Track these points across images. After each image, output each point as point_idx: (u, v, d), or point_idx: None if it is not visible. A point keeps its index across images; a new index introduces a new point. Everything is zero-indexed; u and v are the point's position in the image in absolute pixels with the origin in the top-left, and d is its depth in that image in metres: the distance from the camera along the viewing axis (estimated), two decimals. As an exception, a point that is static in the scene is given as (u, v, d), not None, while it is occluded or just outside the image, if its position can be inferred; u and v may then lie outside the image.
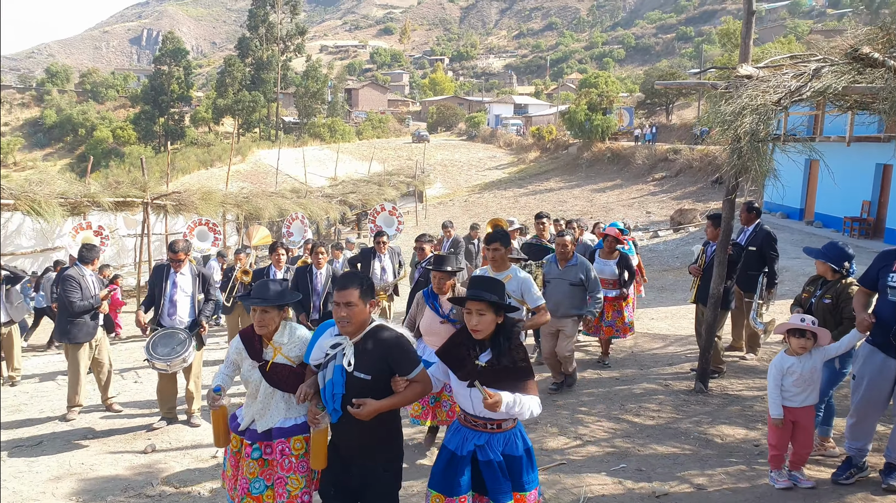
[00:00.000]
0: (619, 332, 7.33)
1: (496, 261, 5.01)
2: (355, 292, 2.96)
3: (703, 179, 30.39)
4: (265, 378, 3.39)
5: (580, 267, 6.25)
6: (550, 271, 6.34)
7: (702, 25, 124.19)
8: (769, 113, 5.17)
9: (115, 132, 64.98)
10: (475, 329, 2.97)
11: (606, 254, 7.36)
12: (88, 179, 16.76)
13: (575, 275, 6.22)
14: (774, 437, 4.21)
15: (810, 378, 4.16)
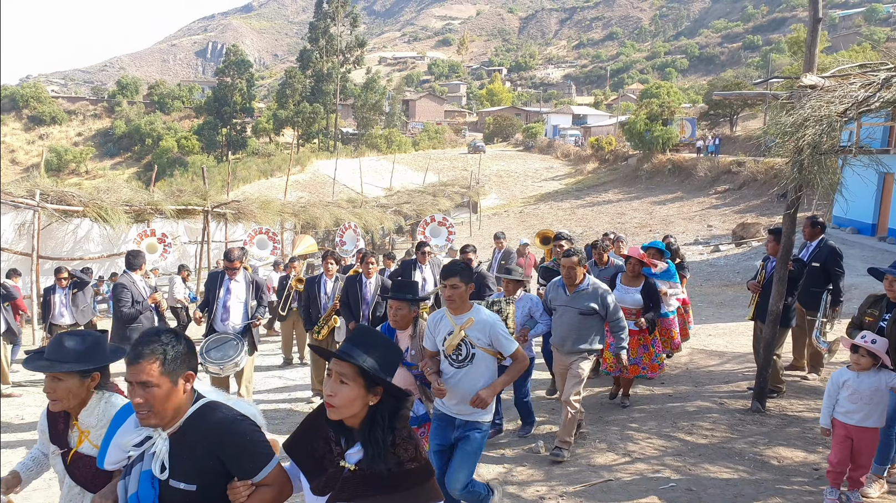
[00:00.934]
0: (645, 371, 6.28)
1: (453, 302, 3.63)
2: (153, 366, 2.03)
3: (767, 193, 29.31)
4: (67, 472, 2.53)
5: (592, 293, 5.21)
6: (557, 297, 5.38)
7: (770, 34, 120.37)
8: (833, 124, 4.98)
9: (179, 142, 67.55)
10: (327, 404, 2.03)
11: (630, 279, 6.29)
12: (153, 188, 17.54)
13: (585, 303, 5.19)
14: (832, 453, 4.15)
15: (869, 397, 4.00)
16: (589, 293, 5.22)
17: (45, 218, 12.54)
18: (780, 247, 5.99)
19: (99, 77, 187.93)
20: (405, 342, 3.95)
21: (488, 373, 3.69)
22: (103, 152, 73.98)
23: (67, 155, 67.28)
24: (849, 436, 4.06)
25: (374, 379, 2.02)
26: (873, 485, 4.27)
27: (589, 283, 5.25)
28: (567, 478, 4.75)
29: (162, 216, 15.01)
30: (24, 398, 8.21)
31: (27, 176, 15.56)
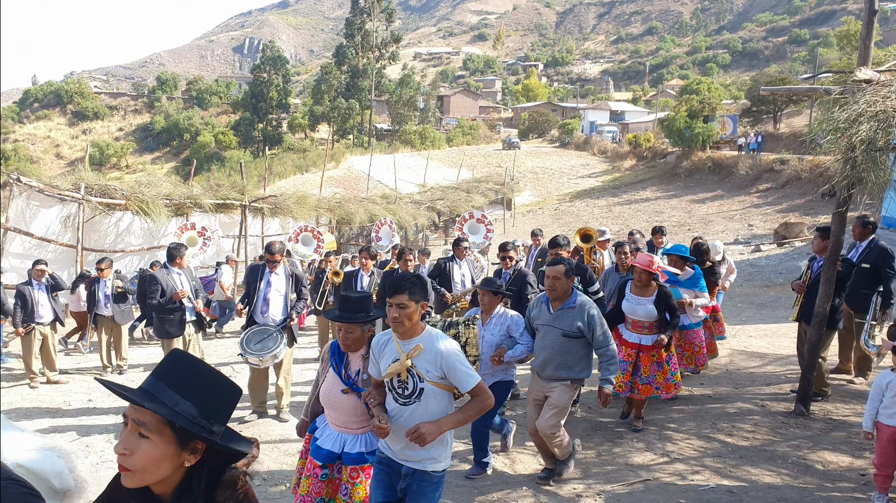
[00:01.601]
0: (659, 391, 5.57)
1: (400, 324, 2.99)
2: None
3: (811, 191, 28.50)
4: None
5: (580, 311, 4.50)
6: (540, 315, 4.69)
7: (818, 27, 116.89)
8: (890, 120, 4.80)
9: (217, 137, 68.69)
10: (121, 466, 1.49)
11: (640, 287, 5.56)
12: (192, 182, 17.89)
13: (571, 323, 4.50)
14: (876, 457, 4.10)
15: None
16: (575, 311, 4.51)
17: (90, 211, 12.90)
18: (827, 244, 5.82)
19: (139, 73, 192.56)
20: (357, 364, 3.35)
21: (440, 412, 2.99)
22: (143, 147, 75.71)
23: (109, 149, 69.05)
24: (893, 438, 3.99)
25: (189, 432, 1.47)
26: None
27: (576, 300, 4.55)
28: (605, 477, 4.70)
29: (201, 210, 15.30)
30: (70, 385, 8.47)
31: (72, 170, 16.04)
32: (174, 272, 7.02)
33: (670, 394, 5.79)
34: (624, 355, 5.51)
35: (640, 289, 5.54)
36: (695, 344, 6.52)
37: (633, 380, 5.57)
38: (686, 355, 6.48)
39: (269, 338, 6.21)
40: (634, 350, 5.56)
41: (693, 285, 6.33)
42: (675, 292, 5.99)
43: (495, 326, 4.88)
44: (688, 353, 6.50)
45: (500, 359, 4.69)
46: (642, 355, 5.53)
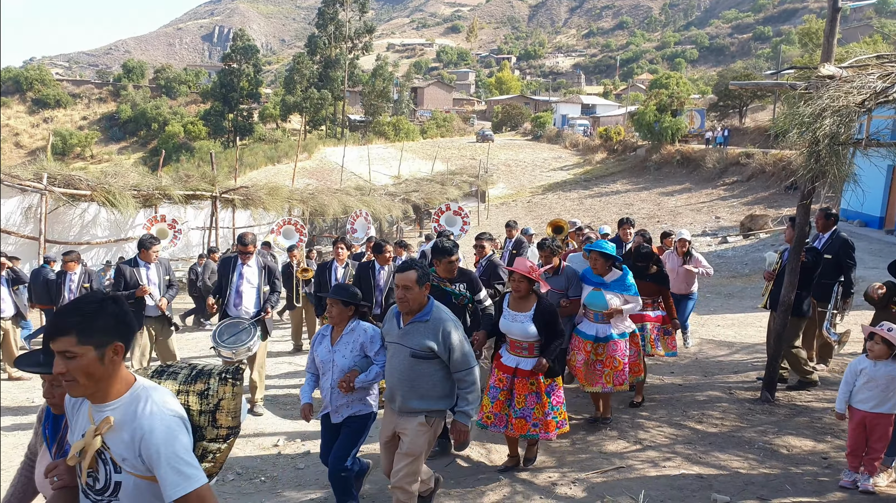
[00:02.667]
0: (537, 429, 4.51)
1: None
2: None
3: (775, 185, 29.19)
4: None
5: (433, 326, 3.67)
6: (390, 330, 3.85)
7: (781, 25, 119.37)
8: (852, 115, 4.96)
9: (186, 127, 67.42)
10: None
11: (516, 300, 4.54)
12: (160, 173, 17.58)
13: (420, 341, 3.66)
14: (848, 439, 4.30)
15: (885, 385, 4.10)
16: (428, 327, 3.67)
17: (52, 202, 12.58)
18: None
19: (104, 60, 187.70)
20: None
21: None
22: (109, 136, 73.90)
23: (72, 139, 67.27)
24: (863, 421, 4.16)
25: None
26: (882, 474, 4.30)
27: (431, 313, 3.71)
28: (579, 465, 4.79)
29: (170, 201, 15.05)
30: (33, 381, 8.29)
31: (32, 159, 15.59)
32: (142, 265, 6.84)
33: (549, 436, 4.55)
34: (496, 380, 4.59)
35: (518, 302, 4.52)
36: (615, 358, 5.30)
37: (507, 413, 4.54)
38: (606, 372, 5.29)
39: (243, 332, 6.15)
40: (509, 376, 4.53)
41: (621, 288, 5.31)
42: (599, 297, 5.27)
43: (346, 345, 3.99)
44: (607, 370, 5.28)
45: (350, 384, 3.82)
46: (517, 382, 4.49)
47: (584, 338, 5.38)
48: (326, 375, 4.04)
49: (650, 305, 6.22)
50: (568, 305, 5.42)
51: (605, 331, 5.32)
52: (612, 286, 5.31)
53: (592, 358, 5.32)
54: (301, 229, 14.64)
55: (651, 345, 6.18)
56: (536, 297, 4.51)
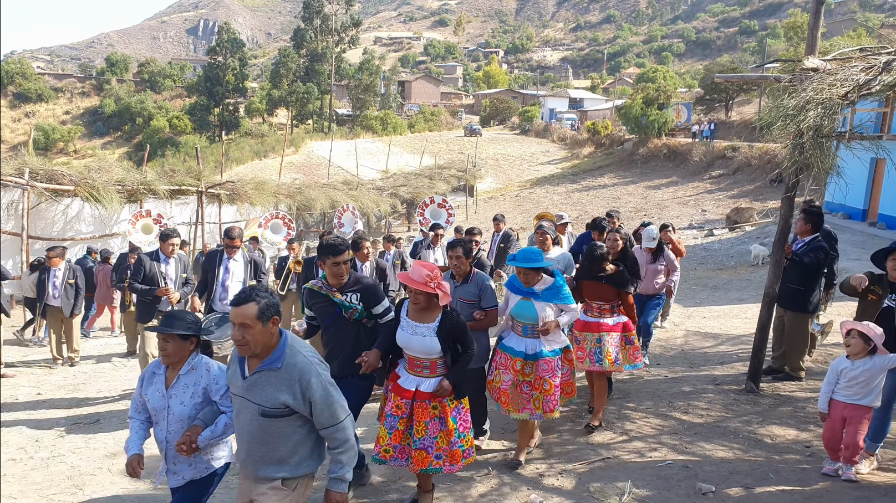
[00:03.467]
0: (441, 462, 3.83)
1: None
2: None
3: (761, 178, 29.44)
4: None
5: (287, 375, 2.78)
6: (233, 378, 2.96)
7: (766, 19, 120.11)
8: (835, 107, 5.00)
9: (171, 122, 66.79)
10: None
11: (416, 311, 3.87)
12: (145, 168, 17.42)
13: (272, 395, 2.79)
14: (824, 429, 4.36)
15: (865, 382, 4.15)
16: (280, 376, 2.75)
17: (35, 197, 12.44)
18: (809, 228, 6.08)
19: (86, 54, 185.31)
20: None
21: None
22: (92, 131, 73.06)
23: (55, 133, 66.45)
24: (842, 413, 4.22)
25: None
26: (864, 461, 4.36)
27: (284, 356, 2.76)
28: (566, 457, 4.83)
29: (155, 196, 14.91)
30: (17, 379, 8.22)
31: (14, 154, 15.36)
32: (162, 260, 6.74)
33: (454, 468, 3.86)
34: (392, 407, 3.86)
35: (418, 313, 3.84)
36: (545, 380, 4.52)
37: (407, 444, 3.85)
38: (534, 395, 4.51)
39: (228, 326, 6.13)
40: (408, 400, 3.83)
41: (553, 297, 4.57)
42: (528, 308, 4.56)
43: (185, 389, 3.14)
44: (536, 393, 4.51)
45: (191, 444, 2.99)
46: (417, 406, 3.81)
47: (512, 354, 4.56)
48: (161, 425, 3.17)
49: (608, 312, 5.37)
50: (483, 318, 4.65)
51: (536, 346, 4.55)
52: (544, 295, 4.55)
53: (520, 378, 4.52)
54: (289, 223, 14.57)
55: (608, 360, 5.23)
56: (439, 309, 3.83)
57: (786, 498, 4.03)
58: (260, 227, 14.39)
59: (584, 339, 5.36)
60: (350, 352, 4.09)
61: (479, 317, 4.65)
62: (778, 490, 4.14)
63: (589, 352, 5.30)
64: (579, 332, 5.40)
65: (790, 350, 6.37)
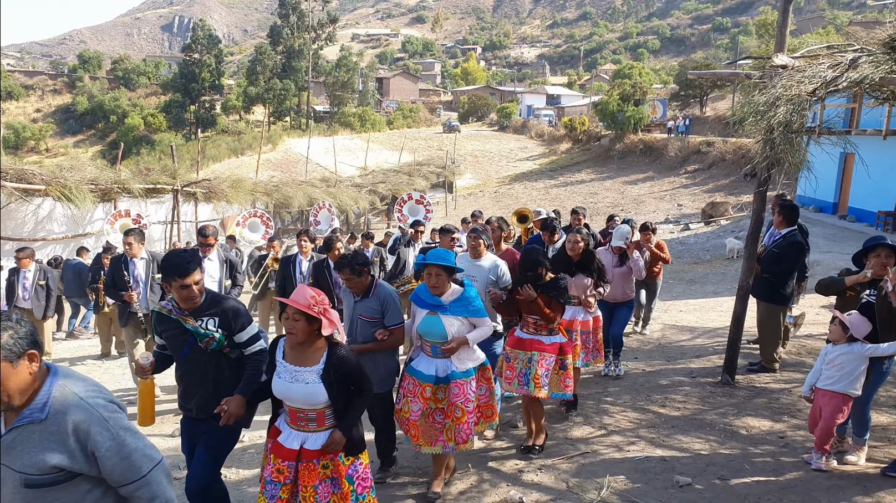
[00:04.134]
0: None
1: None
2: None
3: (735, 172, 29.88)
4: None
5: (55, 426, 2.04)
6: None
7: (739, 16, 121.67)
8: (804, 104, 5.09)
9: (146, 119, 65.83)
10: None
11: (295, 351, 3.18)
12: (119, 166, 17.17)
13: (33, 458, 2.04)
14: (809, 417, 4.48)
15: (841, 364, 4.24)
16: (46, 431, 2.04)
17: (4, 197, 12.19)
18: (783, 220, 6.17)
19: (58, 51, 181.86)
20: None
21: None
22: (64, 129, 71.77)
23: (26, 132, 65.11)
24: (820, 400, 4.32)
25: None
26: (857, 453, 4.44)
27: (48, 404, 2.05)
28: (545, 452, 4.86)
29: (130, 195, 14.70)
30: None
31: (-17, 153, 15.09)
32: (130, 261, 6.52)
33: None
34: (273, 471, 3.15)
35: (297, 353, 3.15)
36: (457, 406, 4.03)
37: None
38: (447, 424, 4.05)
39: None
40: (291, 462, 3.14)
41: (463, 310, 4.07)
42: (436, 324, 4.03)
43: None
44: (448, 422, 4.04)
45: None
46: (303, 468, 3.12)
47: (421, 379, 4.03)
48: None
49: (545, 329, 4.69)
50: (386, 337, 4.19)
51: (447, 367, 4.03)
52: (452, 308, 4.05)
53: (431, 406, 4.03)
54: (267, 221, 14.45)
55: (536, 384, 4.55)
56: (327, 343, 3.15)
57: (760, 488, 4.11)
58: (238, 226, 14.26)
59: (516, 358, 4.71)
60: (211, 391, 3.47)
61: (382, 336, 4.17)
62: (753, 481, 4.22)
63: (518, 372, 4.66)
64: (511, 350, 4.76)
65: (763, 341, 6.48)
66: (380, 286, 4.24)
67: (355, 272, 4.10)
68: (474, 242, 5.17)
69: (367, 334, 4.18)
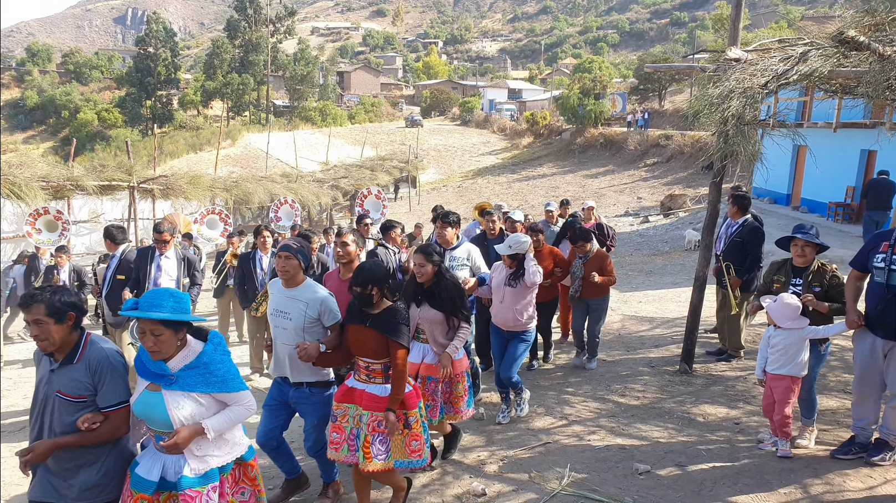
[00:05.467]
0: None
1: None
2: None
3: (693, 165, 30.51)
4: None
5: None
6: None
7: (696, 11, 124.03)
8: (756, 96, 5.20)
9: (100, 115, 63.98)
10: None
11: None
12: (72, 163, 16.62)
13: None
14: (763, 401, 4.56)
15: (784, 348, 4.34)
16: None
17: (-51, 196, 11.70)
18: (737, 210, 6.29)
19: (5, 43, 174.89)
20: None
21: None
22: (13, 125, 69.30)
23: (-31, 129, 62.68)
24: (770, 383, 4.43)
25: None
26: (806, 435, 4.56)
27: None
28: (507, 443, 4.88)
29: (83, 192, 14.26)
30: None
31: (-73, 150, 14.46)
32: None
33: None
34: None
35: None
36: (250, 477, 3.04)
37: None
38: None
39: None
40: None
41: (198, 383, 2.78)
42: (156, 405, 2.75)
43: None
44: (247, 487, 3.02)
45: None
46: None
47: (137, 488, 2.76)
48: None
49: (379, 374, 3.57)
50: (95, 426, 2.78)
51: (176, 468, 2.76)
52: (181, 379, 2.75)
53: None
54: (226, 218, 14.19)
55: (364, 451, 3.46)
56: None
57: (717, 473, 4.19)
58: (196, 223, 13.96)
59: (344, 415, 3.63)
60: None
61: (90, 425, 2.78)
62: (710, 466, 4.30)
63: (348, 435, 3.59)
64: (338, 404, 3.65)
65: (730, 330, 6.63)
66: (89, 343, 2.88)
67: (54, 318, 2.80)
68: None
69: (64, 422, 2.83)
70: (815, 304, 4.33)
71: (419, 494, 4.19)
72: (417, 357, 4.37)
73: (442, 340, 4.31)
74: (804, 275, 4.51)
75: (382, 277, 3.55)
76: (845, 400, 5.34)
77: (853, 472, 4.08)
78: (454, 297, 4.20)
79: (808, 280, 4.47)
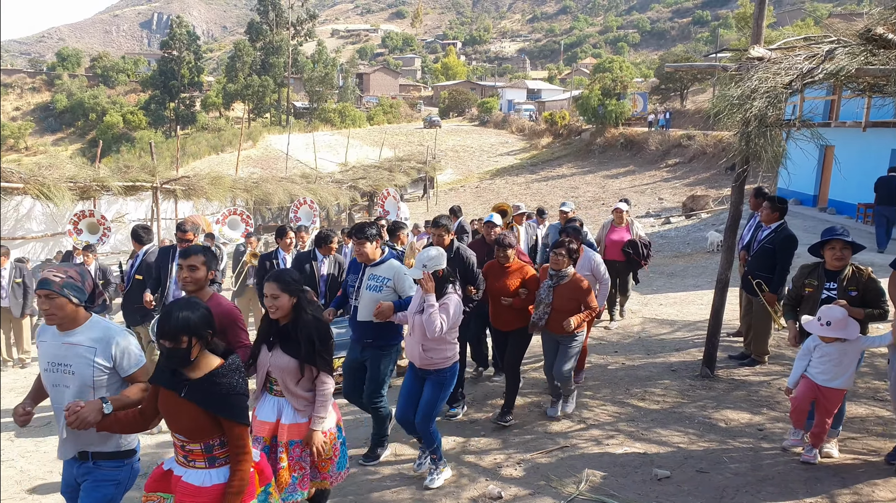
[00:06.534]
0: None
1: None
2: None
3: (716, 166, 30.11)
4: None
5: None
6: None
7: (718, 9, 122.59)
8: (779, 96, 5.08)
9: (125, 117, 65.21)
10: None
11: None
12: (98, 164, 16.89)
13: None
14: (792, 403, 4.31)
15: (838, 359, 4.09)
16: None
17: (-17, 196, 11.96)
18: (777, 216, 6.11)
19: (36, 49, 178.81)
20: None
21: None
22: (44, 127, 70.82)
23: (4, 130, 64.16)
24: (813, 390, 4.17)
25: None
26: (832, 444, 4.41)
27: None
28: (524, 446, 4.83)
29: (109, 193, 14.51)
30: None
31: (-40, 152, 14.85)
32: None
33: None
34: None
35: None
36: None
37: None
38: None
39: None
40: None
41: None
42: None
43: None
44: None
45: None
46: None
47: None
48: None
49: (201, 457, 2.63)
50: None
51: None
52: None
53: None
54: (247, 219, 14.33)
55: None
56: None
57: (739, 481, 4.11)
58: (217, 224, 14.12)
59: None
60: None
61: None
62: (731, 473, 4.22)
63: None
64: (147, 496, 2.72)
65: (756, 335, 6.48)
66: None
67: None
68: None
69: None
70: (850, 310, 4.08)
71: (435, 496, 4.17)
72: (272, 414, 3.38)
73: (300, 392, 3.32)
74: (839, 279, 4.29)
75: (202, 323, 2.52)
76: (875, 407, 5.20)
77: (882, 482, 3.97)
78: (313, 340, 3.25)
79: (843, 284, 4.25)
